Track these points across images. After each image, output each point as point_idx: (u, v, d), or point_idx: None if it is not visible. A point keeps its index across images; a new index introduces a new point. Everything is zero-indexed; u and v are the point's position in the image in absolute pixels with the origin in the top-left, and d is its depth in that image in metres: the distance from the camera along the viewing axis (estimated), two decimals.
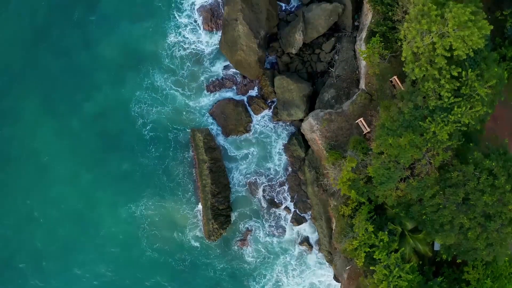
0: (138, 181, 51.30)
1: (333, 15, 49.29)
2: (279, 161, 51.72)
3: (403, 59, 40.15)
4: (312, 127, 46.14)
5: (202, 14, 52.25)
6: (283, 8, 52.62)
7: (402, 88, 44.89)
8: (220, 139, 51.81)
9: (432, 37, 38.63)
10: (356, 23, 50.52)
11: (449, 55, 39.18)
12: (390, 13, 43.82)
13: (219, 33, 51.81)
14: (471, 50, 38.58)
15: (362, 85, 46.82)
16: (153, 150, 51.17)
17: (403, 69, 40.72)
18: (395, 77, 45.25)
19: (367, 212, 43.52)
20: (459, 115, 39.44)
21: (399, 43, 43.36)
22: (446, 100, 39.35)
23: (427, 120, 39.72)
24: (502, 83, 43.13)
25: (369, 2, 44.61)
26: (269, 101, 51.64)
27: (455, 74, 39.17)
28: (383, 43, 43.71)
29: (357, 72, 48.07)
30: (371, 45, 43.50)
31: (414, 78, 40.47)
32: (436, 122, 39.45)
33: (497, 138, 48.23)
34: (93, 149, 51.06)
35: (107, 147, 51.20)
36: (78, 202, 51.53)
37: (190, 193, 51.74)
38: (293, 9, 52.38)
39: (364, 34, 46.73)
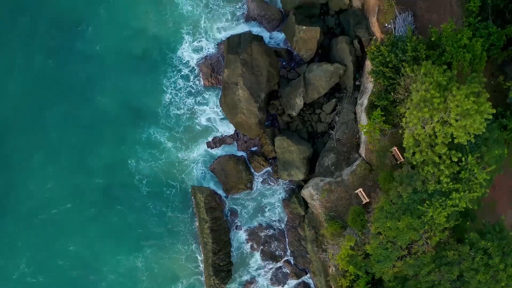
0: (138, 234, 51.88)
1: (334, 76, 49.06)
2: (279, 216, 52.44)
3: (404, 145, 40.47)
4: (312, 196, 46.68)
5: (202, 69, 52.12)
6: (284, 64, 52.44)
7: (402, 159, 45.42)
8: (221, 194, 52.26)
9: (433, 126, 38.94)
10: (357, 83, 50.37)
11: (450, 139, 39.74)
12: (391, 87, 43.92)
13: (220, 87, 51.75)
14: (472, 136, 39.06)
15: (362, 152, 47.08)
16: (154, 204, 51.74)
17: (405, 155, 41.17)
18: (395, 148, 45.45)
19: (364, 284, 44.63)
20: (457, 200, 40.14)
21: (400, 118, 43.71)
22: (445, 185, 40.00)
23: (425, 204, 40.42)
24: (502, 159, 43.67)
25: (370, 74, 44.53)
26: (269, 158, 51.98)
27: (455, 159, 39.79)
28: (384, 117, 43.99)
29: (357, 136, 48.19)
30: (372, 120, 43.70)
31: (414, 163, 41.06)
32: (434, 206, 40.03)
33: (495, 204, 49.11)
34: (95, 203, 51.42)
35: (109, 201, 51.53)
36: (80, 254, 51.93)
37: (191, 246, 52.64)
38: (294, 65, 52.14)
39: (365, 101, 46.72)
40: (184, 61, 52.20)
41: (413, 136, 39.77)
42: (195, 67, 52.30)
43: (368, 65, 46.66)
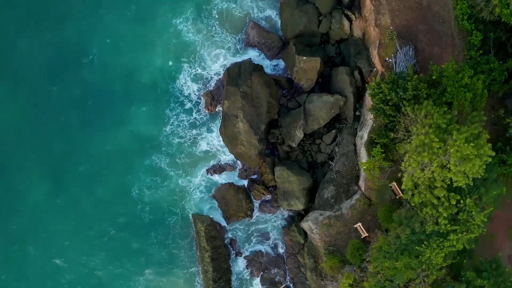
0: (140, 260, 52.17)
1: (334, 107, 48.89)
2: (278, 243, 52.53)
3: (403, 187, 40.61)
4: (311, 230, 46.96)
5: (203, 97, 51.99)
6: (284, 92, 52.21)
7: (401, 195, 45.59)
8: (221, 222, 52.50)
9: (432, 170, 39.00)
10: (357, 113, 50.25)
11: (449, 182, 39.83)
12: (391, 124, 43.83)
13: (220, 115, 51.87)
14: (471, 179, 39.14)
15: (362, 185, 47.19)
16: (156, 231, 51.90)
17: (403, 195, 41.30)
18: (394, 183, 45.63)
19: None
20: (454, 242, 40.44)
21: (400, 156, 43.80)
22: (443, 226, 40.20)
23: (423, 245, 40.65)
24: (500, 198, 43.83)
25: (371, 111, 44.44)
26: (269, 186, 52.03)
27: (454, 202, 39.92)
28: (383, 154, 44.05)
29: (357, 168, 48.26)
30: (372, 158, 43.76)
31: (413, 205, 41.24)
32: (432, 247, 40.31)
33: (493, 237, 49.43)
34: (99, 230, 51.69)
35: (112, 228, 51.80)
36: (83, 279, 52.47)
37: (191, 272, 52.76)
38: (294, 93, 51.83)
39: (365, 135, 46.67)
40: (185, 90, 52.05)
41: (412, 179, 40.04)
42: (196, 96, 52.13)
43: (369, 91, 46.53)
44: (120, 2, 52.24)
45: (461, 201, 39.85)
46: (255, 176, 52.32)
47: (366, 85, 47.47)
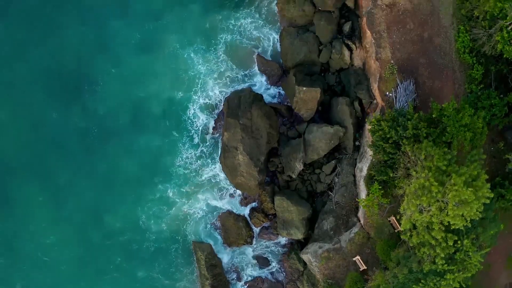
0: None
1: (334, 138, 48.79)
2: (278, 270, 52.80)
3: (401, 229, 40.81)
4: (311, 262, 47.26)
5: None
6: (284, 120, 51.95)
7: (400, 228, 45.78)
8: (221, 249, 52.77)
9: (431, 213, 39.13)
10: (357, 143, 50.22)
11: (447, 224, 40.00)
12: (391, 161, 43.77)
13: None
14: (468, 221, 39.30)
15: (361, 217, 47.35)
16: (160, 259, 51.93)
17: (402, 236, 41.53)
18: (392, 217, 45.86)
19: None
20: (451, 281, 40.73)
21: (399, 193, 43.90)
22: (440, 266, 40.47)
23: (420, 283, 40.87)
24: (497, 235, 44.04)
25: (370, 147, 44.32)
26: (269, 214, 52.17)
27: (451, 243, 40.14)
28: (382, 191, 44.12)
29: (356, 199, 48.44)
30: (371, 196, 43.82)
31: (411, 245, 41.46)
32: (429, 286, 40.59)
33: (490, 266, 49.73)
34: (106, 259, 51.83)
35: (117, 257, 52.02)
36: None
37: None
38: (294, 121, 51.57)
39: (364, 169, 46.64)
40: (192, 120, 51.76)
41: (410, 220, 40.21)
42: (203, 125, 51.87)
43: (368, 127, 46.47)
44: (125, 30, 51.78)
45: (459, 242, 40.20)
46: (255, 203, 52.65)
47: (366, 119, 47.62)
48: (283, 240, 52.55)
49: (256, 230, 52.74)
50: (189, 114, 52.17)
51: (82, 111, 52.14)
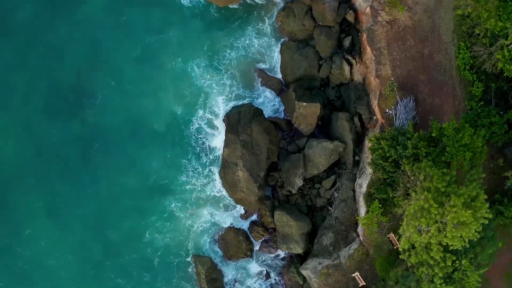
0: None
1: (334, 154, 48.78)
2: (278, 283, 52.63)
3: (400, 249, 40.99)
4: (310, 278, 47.41)
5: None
6: (284, 134, 51.85)
7: (399, 245, 45.94)
8: (222, 261, 52.76)
9: (429, 235, 39.26)
10: (356, 158, 50.24)
11: (445, 244, 40.20)
12: (390, 180, 43.81)
13: None
14: (467, 242, 39.47)
15: (360, 232, 47.47)
16: (163, 275, 51.76)
17: (400, 256, 41.71)
18: (391, 234, 46.03)
19: None
20: None
21: (399, 211, 44.01)
22: (438, 286, 40.66)
23: None
24: (495, 253, 44.18)
25: (370, 165, 44.33)
26: (269, 228, 52.17)
27: (449, 263, 40.34)
28: (382, 209, 44.20)
29: (356, 214, 48.50)
30: (370, 214, 43.91)
31: (410, 265, 41.66)
32: None
33: (488, 281, 49.96)
34: (109, 276, 51.74)
35: (122, 272, 51.94)
36: None
37: None
38: (293, 135, 51.41)
39: (364, 185, 46.66)
40: (195, 135, 51.63)
41: (409, 240, 40.38)
42: (206, 141, 51.72)
43: (368, 145, 46.46)
44: (126, 44, 51.73)
45: (457, 261, 40.38)
46: (255, 217, 52.84)
47: (366, 136, 47.64)
48: (282, 253, 52.82)
49: (256, 243, 52.78)
50: (192, 129, 52.08)
51: (85, 124, 52.02)
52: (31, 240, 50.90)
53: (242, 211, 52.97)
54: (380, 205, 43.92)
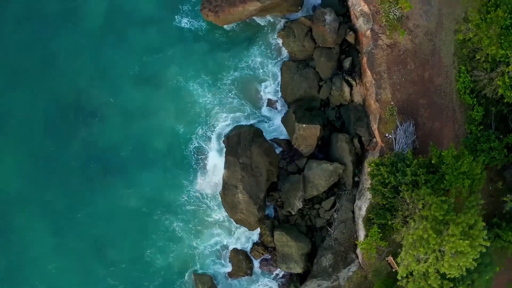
0: None
1: (333, 175, 48.85)
2: None
3: (398, 277, 41.28)
4: None
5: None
6: (284, 153, 52.01)
7: (397, 269, 46.21)
8: (222, 281, 52.96)
9: (428, 264, 39.52)
10: (356, 179, 50.39)
11: (442, 272, 40.48)
12: (389, 205, 43.97)
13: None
14: (464, 270, 39.74)
15: (359, 255, 47.81)
16: None
17: (398, 283, 42.02)
18: (390, 257, 46.29)
19: None
20: None
21: (397, 238, 44.21)
22: None
23: None
24: (492, 279, 44.49)
25: (369, 190, 44.41)
26: (269, 246, 52.37)
27: None
28: (381, 234, 44.41)
29: (355, 236, 48.72)
30: (369, 239, 44.13)
31: None
32: None
33: None
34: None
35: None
36: None
37: None
38: (293, 155, 51.41)
39: (363, 208, 46.83)
40: (197, 156, 51.67)
41: (407, 268, 40.68)
42: (207, 161, 51.67)
43: (368, 169, 46.44)
44: (126, 62, 51.62)
45: None
46: (255, 236, 52.53)
47: (365, 159, 47.72)
48: (282, 271, 53.20)
49: (256, 262, 52.99)
50: (193, 148, 52.11)
51: (85, 143, 51.84)
52: (33, 264, 50.94)
53: (243, 229, 52.85)
54: (379, 230, 44.27)
